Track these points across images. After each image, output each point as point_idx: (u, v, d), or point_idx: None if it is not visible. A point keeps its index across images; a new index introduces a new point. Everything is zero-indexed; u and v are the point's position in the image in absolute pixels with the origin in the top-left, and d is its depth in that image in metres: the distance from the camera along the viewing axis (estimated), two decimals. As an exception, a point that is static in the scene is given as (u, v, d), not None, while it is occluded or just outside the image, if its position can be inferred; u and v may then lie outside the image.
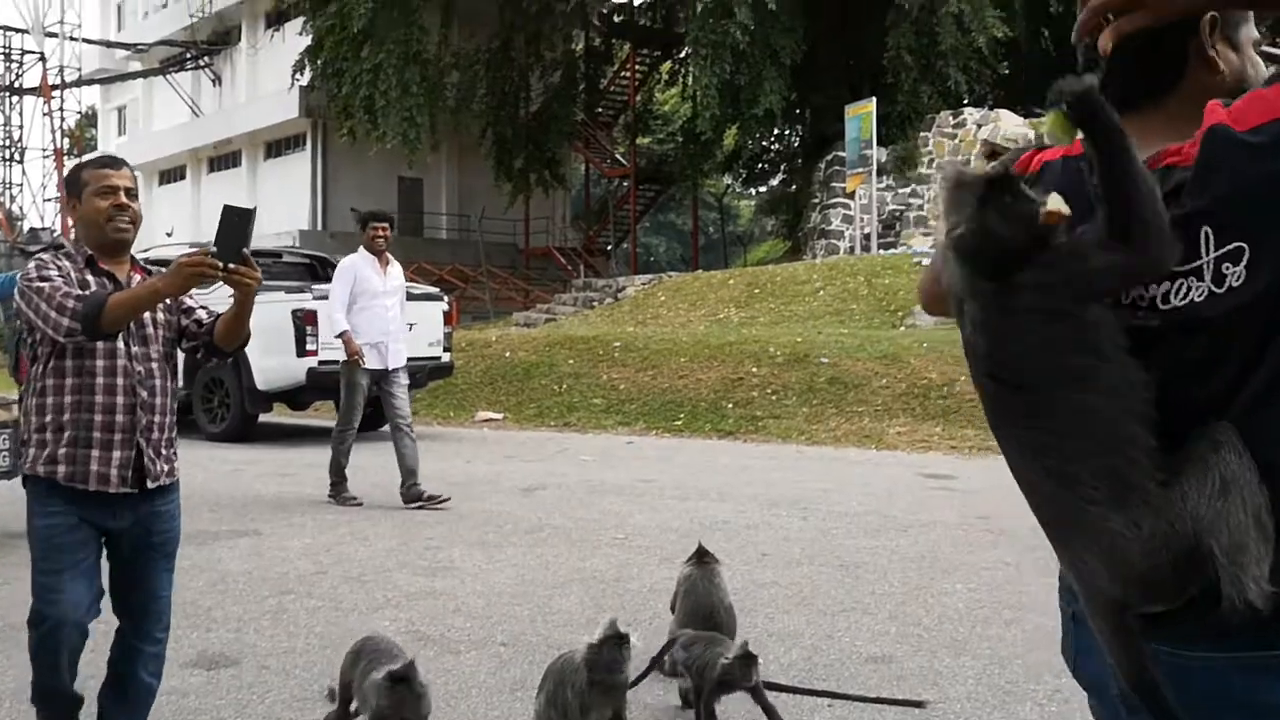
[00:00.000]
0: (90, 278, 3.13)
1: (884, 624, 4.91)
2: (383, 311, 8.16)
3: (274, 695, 3.97)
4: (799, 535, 6.88)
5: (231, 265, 2.97)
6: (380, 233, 8.24)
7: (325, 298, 11.64)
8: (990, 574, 5.81)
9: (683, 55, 30.71)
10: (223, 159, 39.09)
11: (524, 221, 33.58)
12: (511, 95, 29.72)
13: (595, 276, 27.64)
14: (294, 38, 29.86)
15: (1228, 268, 1.24)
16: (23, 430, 3.27)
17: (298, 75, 29.85)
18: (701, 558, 4.40)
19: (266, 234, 32.27)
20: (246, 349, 12.53)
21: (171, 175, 42.00)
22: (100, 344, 3.09)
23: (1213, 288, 1.25)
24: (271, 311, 11.58)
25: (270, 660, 4.38)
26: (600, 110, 34.24)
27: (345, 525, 7.24)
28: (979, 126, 21.20)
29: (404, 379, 8.26)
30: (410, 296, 12.46)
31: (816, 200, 23.84)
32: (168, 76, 39.68)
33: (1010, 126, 20.77)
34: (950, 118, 21.95)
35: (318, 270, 13.62)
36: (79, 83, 43.24)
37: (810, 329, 15.82)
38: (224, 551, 6.41)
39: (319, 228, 33.66)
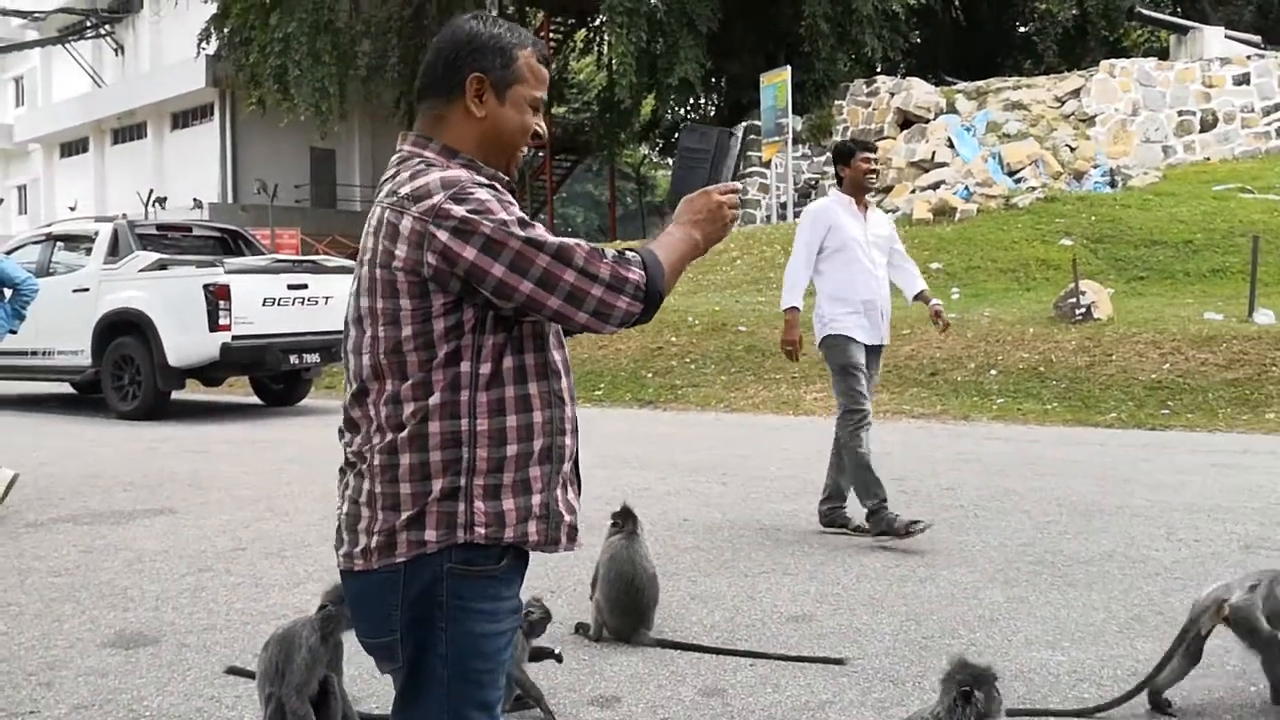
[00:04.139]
0: None
1: (804, 584, 5.00)
2: (869, 267, 6.17)
3: (195, 673, 3.93)
4: (719, 500, 6.96)
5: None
6: (869, 165, 6.18)
7: (238, 271, 11.46)
8: (906, 534, 5.93)
9: (598, 23, 30.54)
10: (127, 130, 38.12)
11: (440, 192, 33.27)
12: (424, 64, 29.35)
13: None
14: (199, 5, 29.17)
15: None
16: (399, 471, 1.86)
17: (203, 44, 29.19)
18: (625, 519, 4.46)
19: (174, 207, 31.59)
20: (158, 325, 12.04)
21: (73, 148, 40.86)
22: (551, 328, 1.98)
23: None
24: (183, 286, 11.36)
25: (190, 638, 4.33)
26: (515, 79, 33.88)
27: (264, 501, 7.16)
28: (892, 94, 21.44)
29: (879, 362, 6.44)
30: (322, 269, 12.32)
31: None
32: (67, 45, 38.52)
33: (922, 94, 21.05)
34: (864, 86, 22.16)
35: (229, 244, 13.36)
36: (-28, 51, 41.73)
37: (728, 298, 15.94)
38: (139, 530, 6.31)
39: (229, 200, 33.03)
